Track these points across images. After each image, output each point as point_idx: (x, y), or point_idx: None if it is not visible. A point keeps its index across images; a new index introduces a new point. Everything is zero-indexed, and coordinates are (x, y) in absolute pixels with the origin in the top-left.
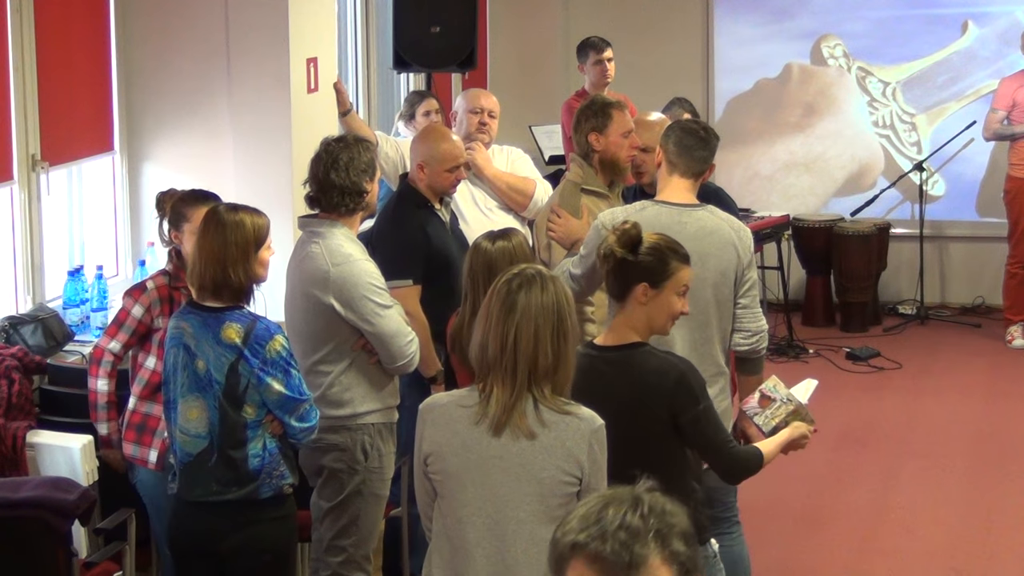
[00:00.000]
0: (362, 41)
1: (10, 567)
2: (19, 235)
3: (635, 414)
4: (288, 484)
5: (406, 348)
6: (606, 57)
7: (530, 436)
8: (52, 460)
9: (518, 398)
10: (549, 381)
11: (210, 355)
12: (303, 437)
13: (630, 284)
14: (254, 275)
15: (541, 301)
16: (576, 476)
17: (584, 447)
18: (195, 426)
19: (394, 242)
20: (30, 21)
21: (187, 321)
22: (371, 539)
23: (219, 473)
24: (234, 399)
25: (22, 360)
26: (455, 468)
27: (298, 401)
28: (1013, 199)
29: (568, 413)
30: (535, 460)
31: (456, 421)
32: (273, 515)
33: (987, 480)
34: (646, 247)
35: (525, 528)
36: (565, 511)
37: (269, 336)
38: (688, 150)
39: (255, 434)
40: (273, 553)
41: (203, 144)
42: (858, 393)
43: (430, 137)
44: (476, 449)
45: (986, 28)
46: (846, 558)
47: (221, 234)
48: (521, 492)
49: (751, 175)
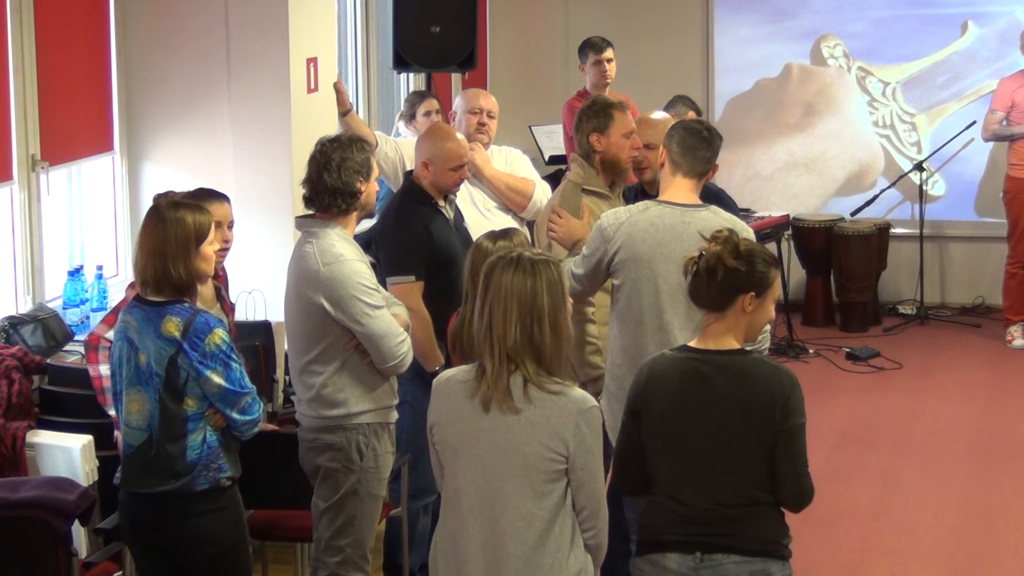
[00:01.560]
0: (362, 41)
1: (10, 567)
2: (19, 235)
3: (747, 416)
4: (226, 477)
5: (397, 349)
6: (605, 57)
7: (514, 412)
8: (52, 460)
9: (500, 374)
10: (530, 360)
11: (151, 348)
12: (246, 430)
13: (737, 293)
14: (195, 271)
15: (513, 282)
16: (561, 454)
17: (570, 426)
18: (136, 418)
19: (397, 238)
20: (30, 21)
21: (131, 315)
22: (368, 539)
23: (157, 465)
24: (174, 392)
25: (22, 360)
26: (452, 439)
27: (239, 394)
28: (1012, 199)
29: (556, 392)
30: (520, 435)
31: (455, 394)
32: (209, 507)
33: (987, 480)
34: (755, 256)
35: (511, 501)
36: (551, 488)
37: (208, 329)
38: (691, 150)
39: (196, 427)
40: (215, 546)
41: (203, 144)
42: (858, 393)
43: (435, 135)
44: (469, 421)
45: (986, 28)
46: (846, 558)
47: (162, 230)
48: (507, 465)
49: (751, 175)
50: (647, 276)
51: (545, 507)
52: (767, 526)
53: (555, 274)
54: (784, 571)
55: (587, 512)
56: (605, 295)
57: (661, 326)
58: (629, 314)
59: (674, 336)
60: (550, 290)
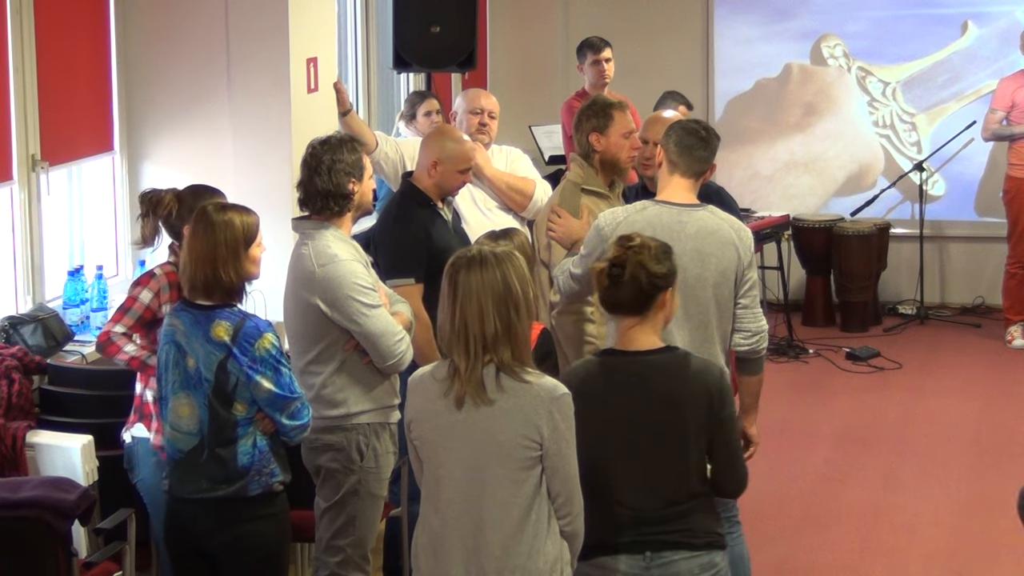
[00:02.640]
0: (362, 41)
1: (10, 567)
2: (19, 235)
3: (686, 411)
4: (278, 482)
5: (395, 347)
6: (603, 57)
7: (488, 403)
8: (52, 460)
9: (473, 369)
10: (506, 347)
11: (200, 353)
12: (295, 435)
13: (658, 293)
14: (245, 273)
15: (482, 279)
16: (536, 441)
17: (544, 413)
18: (186, 423)
19: (396, 241)
20: (30, 21)
21: (179, 319)
22: (369, 539)
23: (209, 470)
24: (223, 397)
25: (22, 360)
26: (428, 433)
27: (289, 399)
28: (1012, 199)
29: (527, 381)
30: (495, 424)
31: (429, 390)
32: (262, 513)
33: (987, 480)
34: (668, 253)
35: (489, 490)
36: (527, 475)
37: (258, 334)
38: (689, 150)
39: (245, 431)
40: (263, 551)
41: (203, 144)
42: (858, 393)
43: (446, 136)
44: (445, 415)
45: (986, 28)
46: (846, 558)
47: (211, 234)
48: (484, 455)
49: (751, 175)
50: None
51: (521, 494)
52: (710, 519)
53: (518, 262)
54: (724, 561)
55: (562, 499)
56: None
57: None
58: None
59: (671, 335)
60: (519, 277)
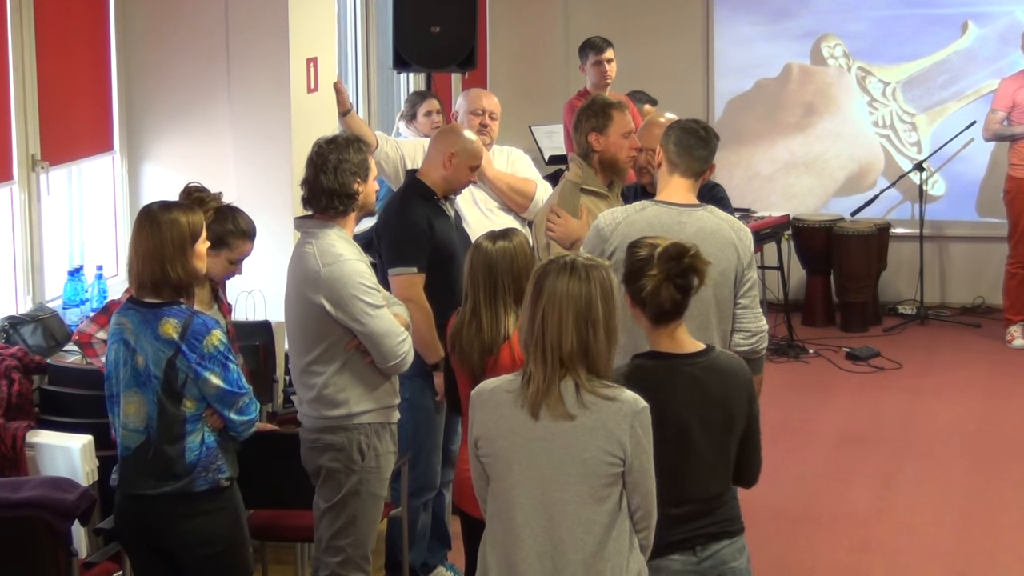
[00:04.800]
0: (362, 41)
1: (10, 567)
2: (19, 235)
3: (731, 409)
4: (225, 478)
5: (398, 348)
6: (606, 58)
7: (569, 418)
8: (52, 460)
9: (551, 380)
10: (582, 365)
11: (148, 350)
12: (243, 430)
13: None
14: (192, 270)
15: (567, 288)
16: (619, 457)
17: (627, 428)
18: (133, 420)
19: (399, 230)
20: (30, 21)
21: (127, 317)
22: (369, 539)
23: (156, 467)
24: (172, 394)
25: (22, 360)
26: (503, 450)
27: (236, 395)
28: (1013, 199)
29: (610, 396)
30: (578, 441)
31: (502, 404)
32: (209, 508)
33: (987, 480)
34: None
35: (570, 508)
36: (609, 492)
37: (206, 331)
38: (688, 150)
39: (194, 428)
40: (216, 545)
41: (203, 144)
42: (858, 393)
43: (460, 131)
44: (521, 431)
45: (986, 28)
46: (846, 558)
47: (157, 232)
48: (565, 473)
49: (751, 175)
50: None
51: (604, 512)
52: (735, 503)
53: (607, 279)
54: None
55: (641, 512)
56: None
57: None
58: (626, 313)
59: None
60: (604, 296)
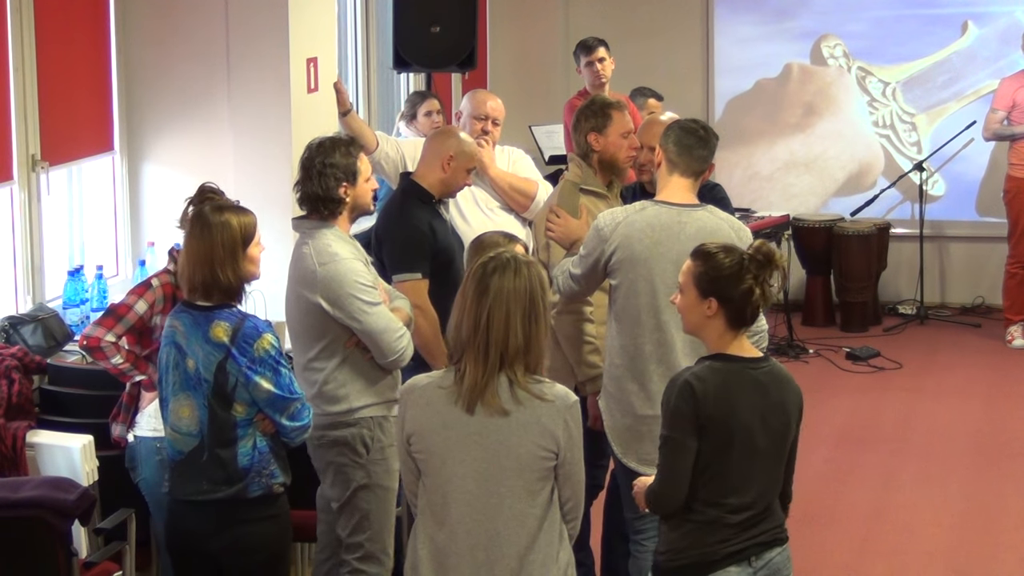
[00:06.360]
0: (362, 41)
1: (10, 567)
2: (19, 235)
3: (789, 417)
4: (279, 483)
5: (396, 344)
6: (597, 58)
7: (503, 414)
8: (52, 460)
9: (490, 377)
10: (521, 362)
11: (199, 354)
12: (295, 436)
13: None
14: (244, 273)
15: (514, 285)
16: (553, 451)
17: (560, 423)
18: (186, 424)
19: (401, 236)
20: (30, 21)
21: (179, 320)
22: (385, 532)
23: (209, 472)
24: (223, 397)
25: (22, 360)
26: (436, 446)
27: (288, 400)
28: (1013, 199)
29: (542, 392)
30: (512, 437)
31: (436, 401)
32: (263, 514)
33: (987, 480)
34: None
35: (506, 502)
36: (542, 485)
37: (257, 334)
38: (688, 149)
39: (245, 432)
40: (265, 552)
41: (203, 144)
42: (858, 393)
43: (459, 134)
44: (456, 427)
45: (986, 28)
46: (846, 558)
47: (208, 235)
48: (500, 467)
49: (751, 175)
50: (644, 276)
51: (538, 504)
52: (780, 511)
53: (542, 274)
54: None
55: (572, 503)
56: (603, 294)
57: (658, 326)
58: (626, 314)
59: (671, 336)
60: (543, 291)
